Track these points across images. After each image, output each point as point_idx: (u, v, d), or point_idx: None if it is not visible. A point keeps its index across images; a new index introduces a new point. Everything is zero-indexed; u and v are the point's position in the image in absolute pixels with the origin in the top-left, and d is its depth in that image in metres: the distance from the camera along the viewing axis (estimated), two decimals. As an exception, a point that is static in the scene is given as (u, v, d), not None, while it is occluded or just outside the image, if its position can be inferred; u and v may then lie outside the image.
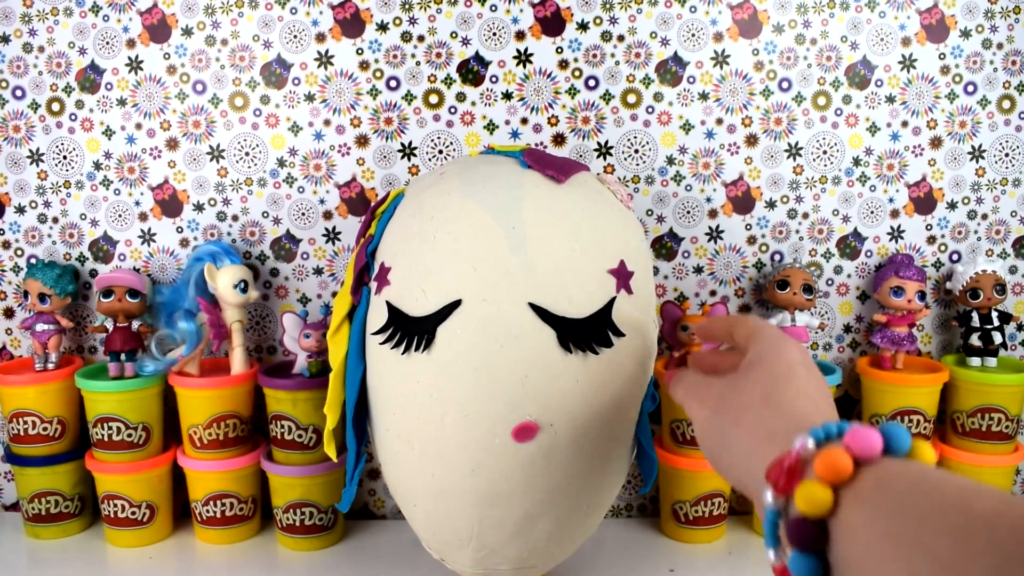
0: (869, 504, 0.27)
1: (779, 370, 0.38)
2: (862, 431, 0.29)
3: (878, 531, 0.26)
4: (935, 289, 0.80)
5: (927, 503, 0.25)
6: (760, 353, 0.40)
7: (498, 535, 0.53)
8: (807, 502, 0.28)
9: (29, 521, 0.77)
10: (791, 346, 0.39)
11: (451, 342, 0.49)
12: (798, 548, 0.29)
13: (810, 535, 0.28)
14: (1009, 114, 0.77)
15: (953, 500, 0.25)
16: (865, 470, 0.28)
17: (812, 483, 0.28)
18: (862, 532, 0.27)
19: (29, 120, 0.77)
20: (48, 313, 0.76)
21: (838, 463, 0.28)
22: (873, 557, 0.26)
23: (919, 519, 0.25)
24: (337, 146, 0.77)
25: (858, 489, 0.28)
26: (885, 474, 0.28)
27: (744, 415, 0.37)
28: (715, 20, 0.75)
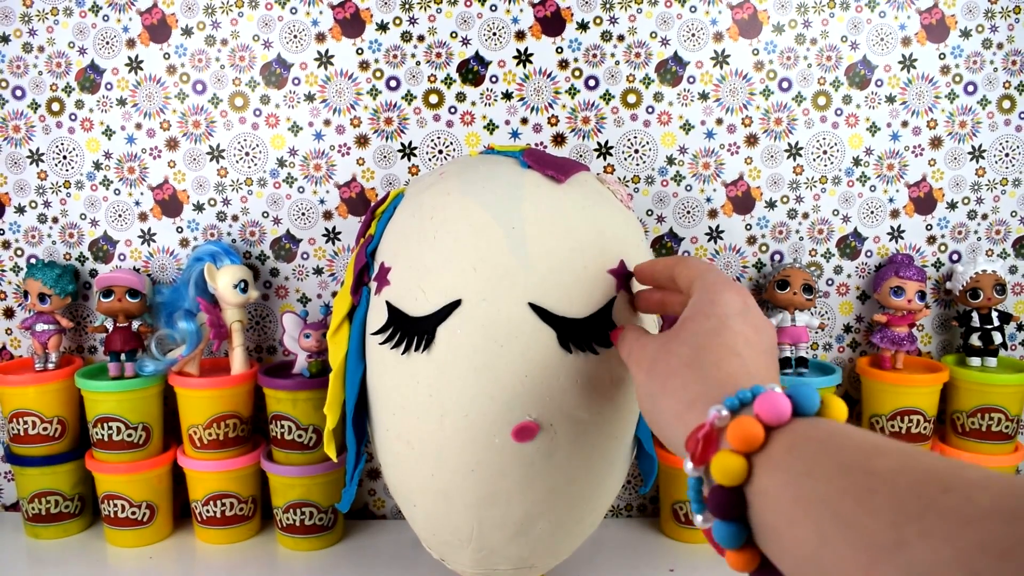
0: (780, 470, 0.28)
1: (709, 326, 0.37)
2: (770, 396, 0.30)
3: (789, 495, 0.27)
4: (935, 289, 0.80)
5: (832, 464, 0.26)
6: (695, 305, 0.39)
7: (498, 535, 0.53)
8: (722, 472, 0.29)
9: (29, 521, 0.77)
10: (728, 295, 0.38)
11: (451, 342, 0.49)
12: (718, 516, 0.29)
13: (728, 503, 0.29)
14: (1009, 114, 0.77)
15: (856, 459, 0.26)
16: (776, 435, 0.29)
17: (726, 453, 0.29)
18: (775, 497, 0.27)
19: (29, 120, 0.77)
20: (48, 313, 0.76)
21: (749, 432, 0.29)
22: (786, 520, 0.27)
23: (825, 480, 0.26)
24: (337, 146, 0.77)
25: (770, 455, 0.28)
26: (794, 439, 0.28)
27: (669, 381, 0.37)
28: (715, 20, 0.75)
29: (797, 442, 0.28)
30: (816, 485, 0.26)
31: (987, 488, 0.22)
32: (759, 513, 0.28)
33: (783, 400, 0.29)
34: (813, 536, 0.25)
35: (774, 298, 0.76)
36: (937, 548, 0.21)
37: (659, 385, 0.37)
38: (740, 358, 0.35)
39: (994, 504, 0.21)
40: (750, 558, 0.29)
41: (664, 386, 0.37)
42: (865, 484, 0.24)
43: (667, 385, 0.37)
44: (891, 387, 0.74)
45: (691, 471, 0.31)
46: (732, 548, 0.29)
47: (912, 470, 0.24)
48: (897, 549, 0.22)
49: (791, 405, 0.29)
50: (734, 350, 0.36)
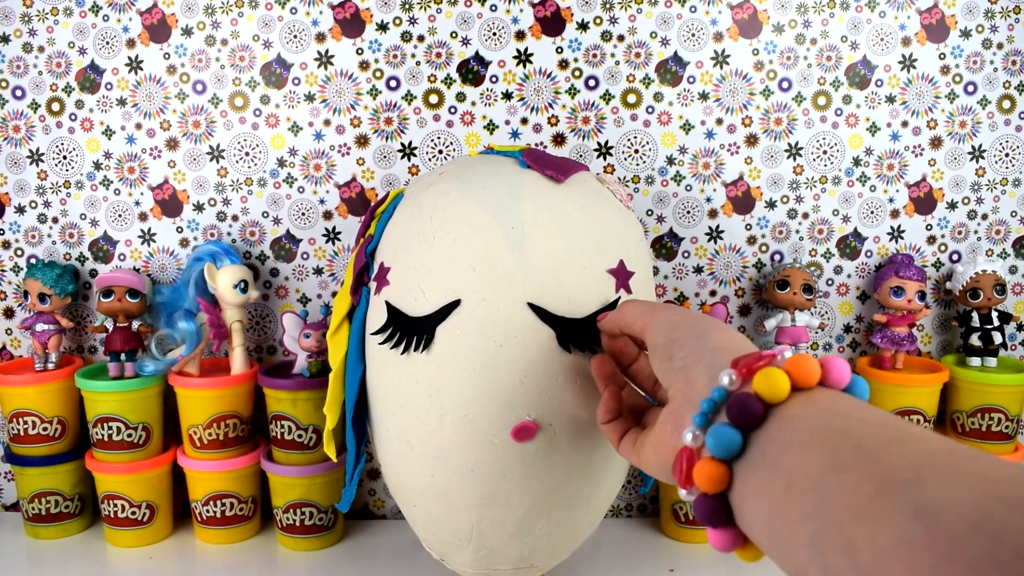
0: (817, 403, 0.29)
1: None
2: (838, 362, 0.31)
3: (817, 424, 0.27)
4: (935, 289, 0.80)
5: (871, 415, 0.27)
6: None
7: (498, 535, 0.53)
8: (766, 382, 0.30)
9: (29, 521, 0.77)
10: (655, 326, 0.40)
11: (450, 342, 0.49)
12: (735, 420, 0.30)
13: (753, 412, 0.29)
14: (1009, 114, 0.77)
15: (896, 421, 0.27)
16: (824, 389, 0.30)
17: (777, 370, 0.30)
18: (800, 421, 0.28)
19: (29, 120, 0.77)
20: (48, 313, 0.76)
21: (808, 367, 0.30)
22: (800, 444, 0.27)
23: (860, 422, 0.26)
24: (337, 146, 0.77)
25: (813, 394, 0.29)
26: (840, 395, 0.30)
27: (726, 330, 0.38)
28: (715, 20, 0.75)
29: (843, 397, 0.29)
30: (848, 423, 0.27)
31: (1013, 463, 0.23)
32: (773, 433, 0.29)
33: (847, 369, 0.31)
34: (825, 460, 0.25)
35: (774, 298, 0.75)
36: (954, 491, 0.21)
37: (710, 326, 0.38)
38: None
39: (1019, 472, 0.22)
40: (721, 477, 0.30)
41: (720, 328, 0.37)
42: (896, 435, 0.25)
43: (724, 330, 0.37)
44: (891, 387, 0.74)
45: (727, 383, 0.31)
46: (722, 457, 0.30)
47: (943, 439, 0.25)
48: (911, 485, 0.22)
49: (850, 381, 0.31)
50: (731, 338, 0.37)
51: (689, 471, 0.31)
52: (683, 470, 0.32)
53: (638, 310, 0.43)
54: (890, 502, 0.22)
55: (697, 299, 0.80)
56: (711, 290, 0.80)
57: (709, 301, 0.80)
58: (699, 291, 0.80)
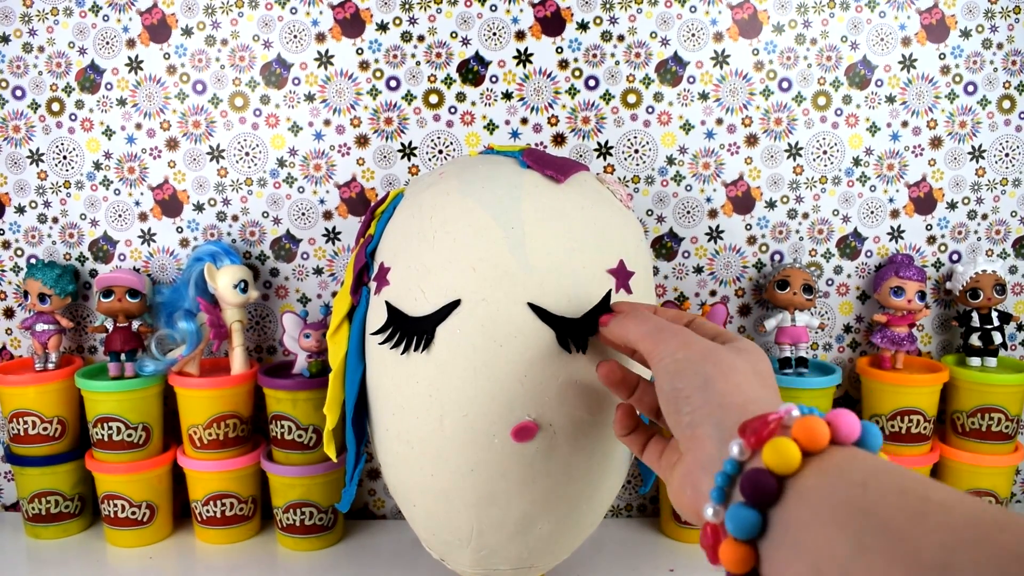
0: (832, 473, 0.28)
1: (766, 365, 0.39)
2: (844, 414, 0.30)
3: (835, 499, 0.26)
4: (935, 289, 0.80)
5: (889, 483, 0.26)
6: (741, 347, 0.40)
7: (498, 535, 0.53)
8: (776, 454, 0.29)
9: (29, 521, 0.77)
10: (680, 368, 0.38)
11: (450, 342, 0.49)
12: (749, 500, 0.29)
13: (767, 488, 0.29)
14: (1009, 114, 0.77)
15: (914, 486, 0.25)
16: (836, 448, 0.29)
17: (785, 439, 0.29)
18: (817, 496, 0.27)
19: (29, 120, 0.77)
20: (48, 313, 0.76)
21: (817, 431, 0.29)
22: (821, 522, 0.26)
23: (879, 494, 0.25)
24: (337, 146, 0.77)
25: (826, 458, 0.28)
26: (854, 455, 0.28)
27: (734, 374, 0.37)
28: (715, 20, 0.75)
29: (857, 458, 0.28)
30: (867, 496, 0.26)
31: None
32: (792, 511, 0.28)
33: (855, 422, 0.30)
34: (849, 542, 0.25)
35: (774, 298, 0.75)
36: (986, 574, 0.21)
37: (718, 371, 0.36)
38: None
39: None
40: (746, 557, 0.29)
41: (726, 374, 0.36)
42: (919, 507, 0.24)
43: (730, 376, 0.36)
44: (891, 387, 0.74)
45: (737, 453, 0.31)
46: (741, 539, 0.29)
47: (967, 506, 0.24)
48: (942, 571, 0.22)
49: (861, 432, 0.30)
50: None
51: (715, 549, 0.31)
52: (711, 547, 0.31)
53: (640, 331, 0.42)
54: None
55: (697, 299, 0.80)
56: (711, 290, 0.80)
57: (709, 301, 0.80)
58: (699, 291, 0.80)
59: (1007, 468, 0.75)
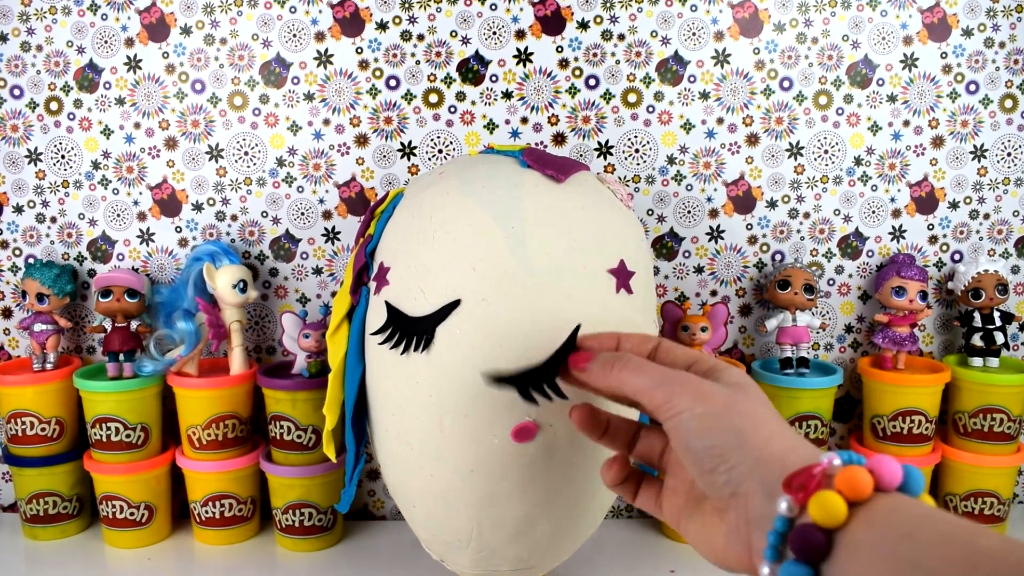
0: (879, 524, 0.28)
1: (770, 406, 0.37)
2: (885, 460, 0.30)
3: (884, 551, 0.27)
4: (937, 289, 0.80)
5: (935, 532, 0.26)
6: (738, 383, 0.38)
7: (498, 536, 0.53)
8: (822, 509, 0.29)
9: (27, 522, 0.76)
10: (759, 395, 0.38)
11: (450, 342, 0.49)
12: (800, 556, 0.29)
13: (817, 544, 0.29)
14: (1011, 113, 0.77)
15: (960, 533, 0.26)
16: (881, 496, 0.29)
17: (830, 493, 0.29)
18: (867, 549, 0.27)
19: (27, 119, 0.77)
20: (46, 313, 0.76)
21: (860, 481, 0.29)
22: (873, 573, 0.26)
23: (927, 545, 0.26)
24: (336, 145, 0.77)
25: (871, 508, 0.29)
26: (898, 503, 0.29)
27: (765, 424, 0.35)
28: (716, 19, 0.75)
29: (901, 506, 0.28)
30: (914, 547, 0.26)
31: None
32: (843, 563, 0.28)
33: (897, 469, 0.30)
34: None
35: (775, 298, 0.75)
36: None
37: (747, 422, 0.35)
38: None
39: None
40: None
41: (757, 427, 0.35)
42: (968, 557, 0.24)
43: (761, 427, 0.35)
44: (892, 387, 0.74)
45: (786, 511, 0.30)
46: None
47: (1014, 554, 0.24)
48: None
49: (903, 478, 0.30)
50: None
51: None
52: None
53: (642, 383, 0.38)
54: None
55: (698, 299, 0.79)
56: (712, 290, 0.79)
57: (710, 301, 0.79)
58: (700, 291, 0.79)
59: (1009, 469, 0.75)
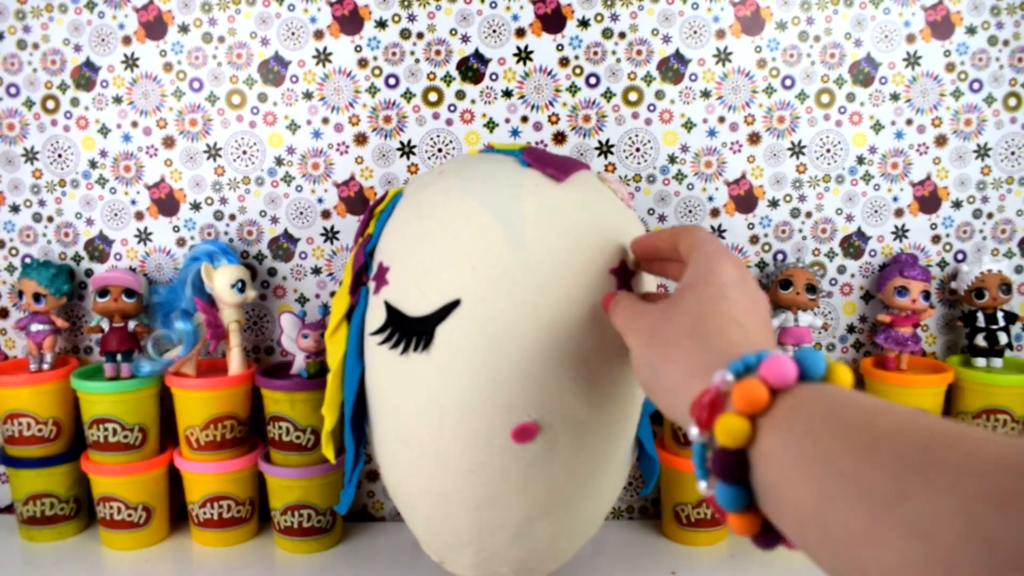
0: (783, 431, 0.28)
1: (709, 295, 0.37)
2: (777, 360, 0.30)
3: (792, 455, 0.27)
4: (940, 289, 0.79)
5: (836, 424, 0.26)
6: (694, 274, 0.39)
7: (498, 537, 0.52)
8: (726, 434, 0.29)
9: (24, 523, 0.76)
10: (725, 265, 0.39)
11: (450, 342, 0.48)
12: (721, 478, 0.30)
13: (731, 465, 0.29)
14: (1015, 112, 0.77)
15: (860, 419, 0.26)
16: (781, 398, 0.29)
17: (730, 415, 0.29)
18: (777, 457, 0.28)
19: (23, 118, 0.77)
20: (43, 313, 0.75)
21: (754, 394, 0.29)
22: (788, 479, 0.27)
23: (828, 439, 0.26)
24: (335, 144, 0.76)
25: (773, 417, 0.29)
26: (798, 401, 0.28)
27: (671, 350, 0.37)
28: (717, 17, 0.74)
29: (801, 404, 0.28)
30: (818, 443, 0.26)
31: (990, 442, 0.22)
32: (761, 474, 0.28)
33: (789, 363, 0.29)
34: (815, 493, 0.25)
35: (777, 298, 0.75)
36: (938, 499, 0.21)
37: (660, 354, 0.38)
38: (742, 327, 0.35)
39: (997, 456, 0.22)
40: (752, 521, 0.30)
41: (665, 355, 0.37)
42: (868, 441, 0.25)
43: (669, 354, 0.37)
44: (895, 388, 0.73)
45: (696, 437, 0.31)
46: (734, 511, 0.30)
47: (916, 428, 0.24)
48: (898, 501, 0.22)
49: (797, 369, 0.30)
50: (735, 319, 0.36)
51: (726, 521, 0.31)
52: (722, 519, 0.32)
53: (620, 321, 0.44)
54: (884, 524, 0.23)
55: (699, 299, 0.79)
56: (713, 290, 0.79)
57: (711, 301, 0.79)
58: (701, 291, 0.79)
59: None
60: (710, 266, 0.39)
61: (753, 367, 0.30)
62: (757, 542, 0.30)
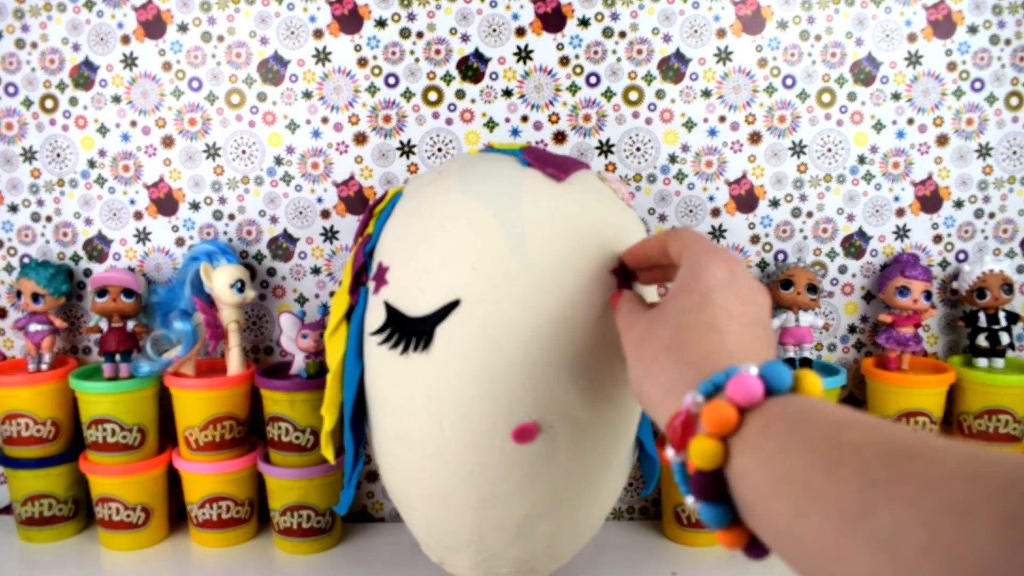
0: (754, 450, 0.28)
1: (691, 303, 0.37)
2: (741, 379, 0.30)
3: (764, 474, 0.28)
4: (941, 289, 0.79)
5: (802, 440, 0.27)
6: (681, 279, 0.39)
7: (498, 538, 0.52)
8: (700, 457, 0.30)
9: (22, 524, 0.76)
10: (713, 266, 0.38)
11: (450, 342, 0.48)
12: (700, 499, 0.30)
13: (708, 486, 0.30)
14: (1017, 111, 0.76)
15: (825, 434, 0.26)
16: (750, 416, 0.29)
17: (702, 438, 0.30)
18: (751, 477, 0.28)
19: (22, 117, 0.76)
20: (42, 313, 0.75)
21: (722, 416, 0.29)
22: (762, 498, 0.28)
23: (796, 456, 0.26)
24: (335, 144, 0.76)
25: (744, 436, 0.29)
26: (766, 419, 0.29)
27: (651, 367, 0.37)
28: (718, 16, 0.74)
29: (770, 422, 0.29)
30: (788, 461, 0.27)
31: (950, 453, 0.23)
32: (739, 493, 0.29)
33: (754, 381, 0.30)
34: (788, 511, 0.26)
35: (778, 298, 0.74)
36: (902, 511, 0.22)
37: (643, 370, 0.38)
38: (720, 335, 0.35)
39: (957, 467, 0.22)
40: (738, 536, 0.30)
41: (647, 371, 0.38)
42: (833, 457, 0.25)
43: (649, 371, 0.37)
44: (896, 388, 0.73)
45: (673, 457, 0.32)
46: (719, 528, 0.30)
47: (878, 441, 0.25)
48: (865, 516, 0.23)
49: (763, 385, 0.30)
50: (715, 327, 0.35)
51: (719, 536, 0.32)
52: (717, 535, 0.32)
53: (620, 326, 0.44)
54: (852, 539, 0.23)
55: (700, 299, 0.79)
56: (714, 290, 0.79)
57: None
58: (702, 291, 0.79)
59: (1014, 470, 0.74)
60: (695, 270, 0.38)
61: (722, 386, 0.31)
62: (748, 554, 0.31)
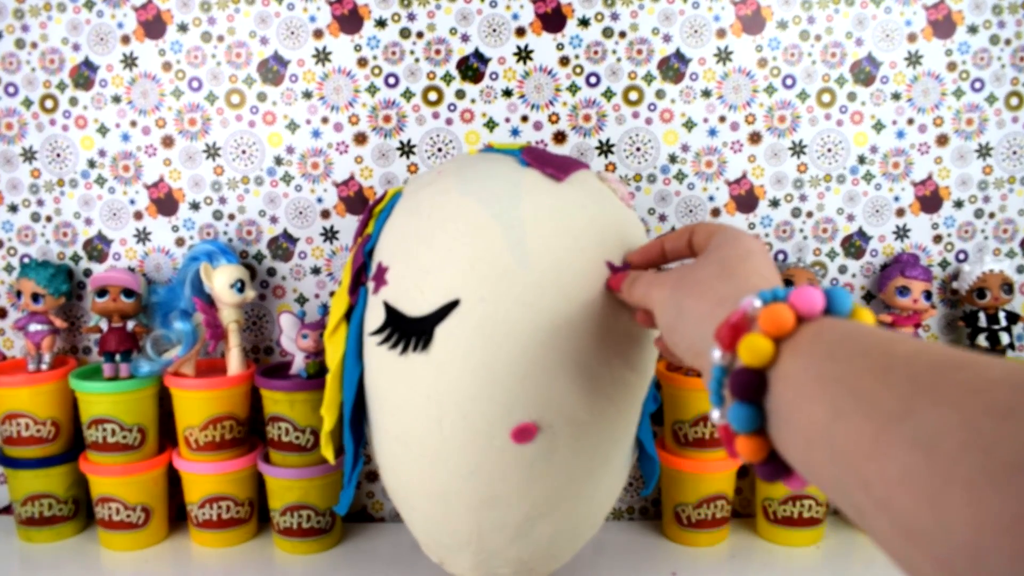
0: (804, 353, 0.29)
1: (737, 252, 0.39)
2: (807, 291, 0.31)
3: (810, 376, 0.28)
4: (941, 289, 0.79)
5: (854, 348, 0.27)
6: (719, 242, 0.41)
7: (498, 538, 0.52)
8: (750, 352, 0.30)
9: (22, 524, 0.76)
10: (749, 239, 0.41)
11: (449, 342, 0.48)
12: (739, 397, 0.30)
13: (750, 384, 0.30)
14: (1017, 111, 0.76)
15: (878, 343, 0.27)
16: (805, 325, 0.30)
17: (755, 335, 0.30)
18: (795, 378, 0.29)
19: (22, 117, 0.77)
20: (42, 313, 0.75)
21: (781, 317, 0.30)
22: (804, 398, 0.28)
23: (846, 361, 0.27)
24: (335, 144, 0.76)
25: (796, 341, 0.30)
26: (820, 328, 0.30)
27: (698, 288, 0.38)
28: (718, 16, 0.74)
29: (824, 331, 0.29)
30: (836, 365, 0.27)
31: (999, 364, 0.23)
32: (778, 395, 0.29)
33: (818, 294, 0.30)
34: (828, 411, 0.26)
35: (778, 298, 0.74)
36: (944, 414, 0.22)
37: (686, 292, 0.39)
38: (766, 279, 0.37)
39: (1003, 376, 0.22)
40: (760, 446, 0.30)
41: (692, 292, 0.38)
42: (883, 363, 0.26)
43: (695, 291, 0.38)
44: (897, 388, 0.73)
45: (717, 359, 0.32)
46: (746, 431, 0.30)
47: (930, 353, 0.25)
48: (905, 417, 0.23)
49: (825, 301, 0.31)
50: (759, 272, 0.37)
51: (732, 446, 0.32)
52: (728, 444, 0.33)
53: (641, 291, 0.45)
54: (890, 438, 0.23)
55: (700, 299, 0.79)
56: (714, 290, 0.79)
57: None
58: (702, 291, 0.79)
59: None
60: (735, 237, 0.41)
61: (782, 298, 0.32)
62: (761, 471, 0.31)
